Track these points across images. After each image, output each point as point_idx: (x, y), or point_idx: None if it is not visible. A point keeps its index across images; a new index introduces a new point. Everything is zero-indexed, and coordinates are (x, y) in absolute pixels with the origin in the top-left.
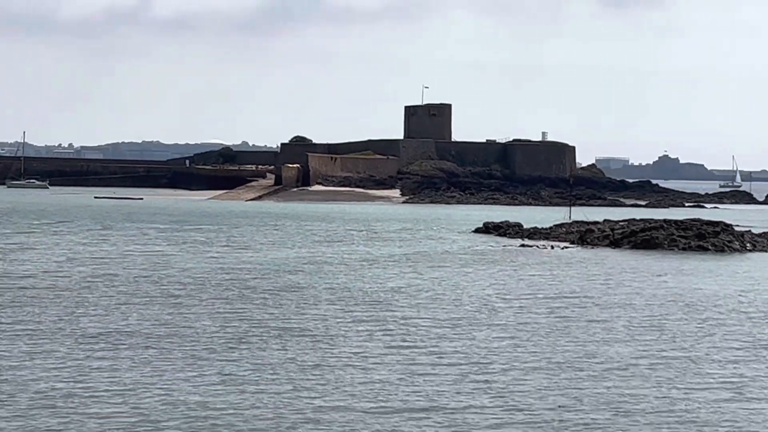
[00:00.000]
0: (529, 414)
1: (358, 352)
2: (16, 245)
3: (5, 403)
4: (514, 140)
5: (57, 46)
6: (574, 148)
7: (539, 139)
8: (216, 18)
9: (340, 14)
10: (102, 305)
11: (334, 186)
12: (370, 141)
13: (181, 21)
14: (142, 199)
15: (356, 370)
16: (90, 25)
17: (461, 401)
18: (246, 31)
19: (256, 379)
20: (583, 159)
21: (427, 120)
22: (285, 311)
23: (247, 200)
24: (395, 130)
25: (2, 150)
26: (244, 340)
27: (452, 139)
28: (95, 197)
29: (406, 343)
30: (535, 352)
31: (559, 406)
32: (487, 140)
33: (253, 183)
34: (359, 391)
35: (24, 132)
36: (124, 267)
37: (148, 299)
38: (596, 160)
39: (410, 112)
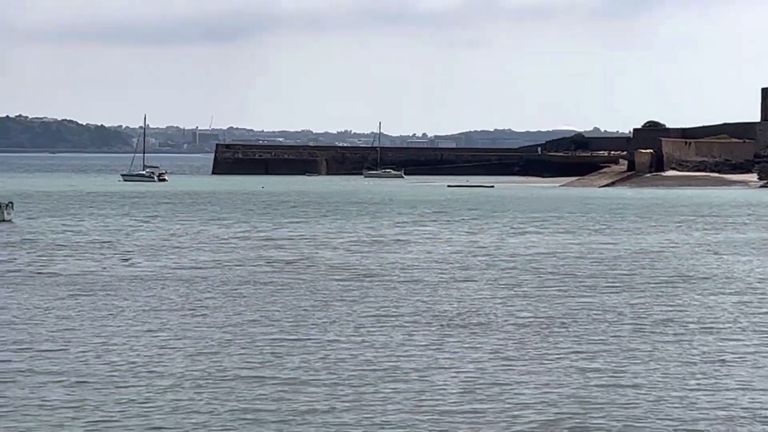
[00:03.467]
0: None
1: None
2: (388, 236)
3: (374, 388)
4: None
5: (412, 37)
6: None
7: None
8: (571, 4)
9: None
10: (468, 293)
11: (688, 171)
12: (725, 124)
13: (535, 9)
14: (492, 186)
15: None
16: (445, 15)
17: None
18: (601, 16)
19: (648, 376)
20: None
21: None
22: (669, 300)
23: (600, 186)
24: (752, 113)
25: (359, 141)
26: (626, 331)
27: None
28: (448, 185)
29: None
30: None
31: None
32: None
33: (605, 169)
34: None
35: (380, 123)
36: (497, 256)
37: (528, 287)
38: None
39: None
